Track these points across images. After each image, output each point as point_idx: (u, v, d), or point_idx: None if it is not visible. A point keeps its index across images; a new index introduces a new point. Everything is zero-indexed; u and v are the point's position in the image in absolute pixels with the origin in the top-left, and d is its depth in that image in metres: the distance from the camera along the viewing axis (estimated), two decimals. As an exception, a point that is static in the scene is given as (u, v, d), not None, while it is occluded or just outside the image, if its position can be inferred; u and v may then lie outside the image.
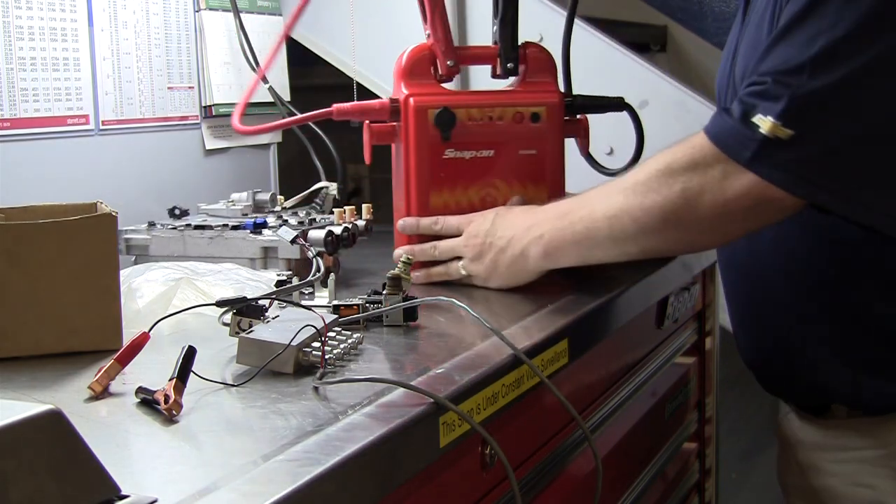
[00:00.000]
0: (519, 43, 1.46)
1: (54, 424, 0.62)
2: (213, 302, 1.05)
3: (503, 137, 1.42)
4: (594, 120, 1.56)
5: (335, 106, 1.46)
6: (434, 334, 1.13)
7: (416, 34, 1.48)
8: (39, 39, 1.54)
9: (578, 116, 1.49)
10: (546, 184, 1.44)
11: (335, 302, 1.16)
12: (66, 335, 1.05)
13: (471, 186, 1.42)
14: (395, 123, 1.43)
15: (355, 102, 1.45)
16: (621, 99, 1.51)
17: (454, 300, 1.08)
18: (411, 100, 1.41)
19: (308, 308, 1.07)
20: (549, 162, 1.44)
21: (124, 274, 1.24)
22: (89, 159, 1.64)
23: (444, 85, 1.47)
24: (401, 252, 1.34)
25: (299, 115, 1.74)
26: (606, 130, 1.69)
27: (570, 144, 1.51)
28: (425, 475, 0.86)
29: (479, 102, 1.43)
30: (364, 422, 0.82)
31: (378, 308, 1.15)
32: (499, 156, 1.43)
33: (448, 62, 1.44)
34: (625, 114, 1.52)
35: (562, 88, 1.50)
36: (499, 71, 1.47)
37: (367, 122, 1.44)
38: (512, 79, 1.49)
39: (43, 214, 1.11)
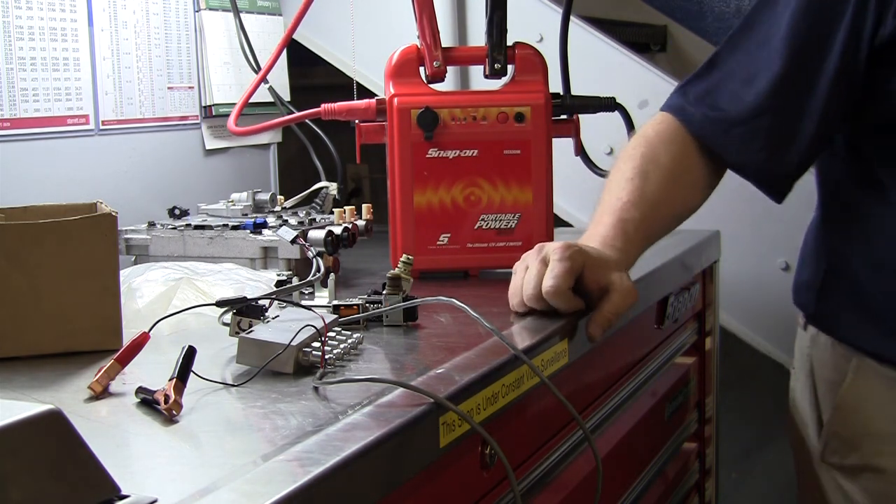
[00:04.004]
0: (510, 43, 1.47)
1: (54, 424, 0.62)
2: (213, 302, 1.05)
3: (487, 137, 1.44)
4: (595, 120, 1.56)
5: (324, 106, 1.48)
6: (434, 334, 1.13)
7: (416, 34, 1.49)
8: (39, 39, 1.54)
9: (571, 116, 1.49)
10: (531, 184, 1.44)
11: (335, 302, 1.16)
12: (66, 335, 1.05)
13: (454, 186, 1.44)
14: (383, 123, 1.44)
15: (343, 102, 1.47)
16: (613, 99, 1.51)
17: (454, 300, 1.08)
18: (395, 100, 1.43)
19: (308, 308, 1.07)
20: (534, 162, 1.44)
21: (124, 274, 1.24)
22: (89, 159, 1.64)
23: (435, 85, 1.47)
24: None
25: (289, 115, 1.75)
26: (607, 130, 1.69)
27: (566, 144, 1.51)
28: (425, 475, 0.86)
29: (463, 103, 1.44)
30: (364, 422, 0.82)
31: (378, 308, 1.15)
32: (483, 155, 1.44)
33: (434, 63, 1.45)
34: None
35: (558, 88, 1.50)
36: (487, 71, 1.48)
37: (357, 121, 1.45)
38: (505, 79, 1.49)
39: (43, 214, 1.11)
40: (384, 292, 1.16)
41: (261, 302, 1.05)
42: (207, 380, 0.93)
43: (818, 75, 1.30)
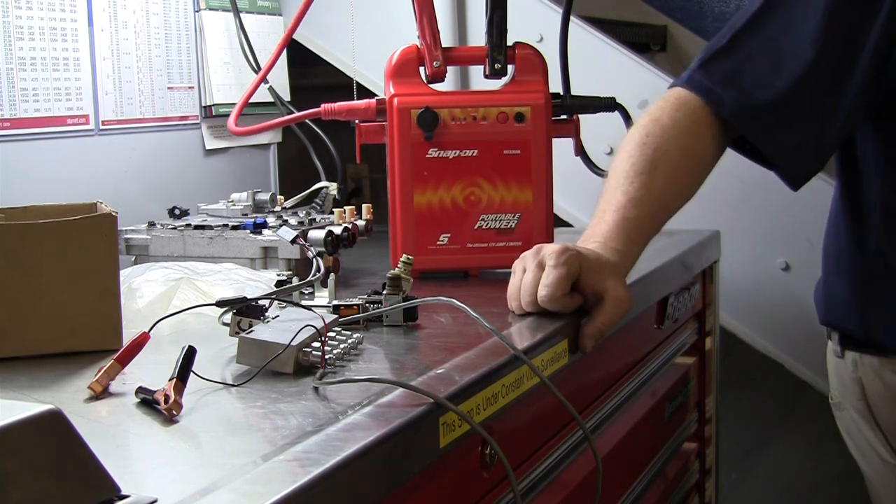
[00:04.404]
0: (510, 43, 1.47)
1: (54, 424, 0.62)
2: (213, 302, 1.05)
3: (487, 137, 1.44)
4: (595, 120, 1.56)
5: (324, 106, 1.48)
6: (434, 334, 1.13)
7: (416, 34, 1.49)
8: (39, 39, 1.54)
9: (571, 116, 1.49)
10: (531, 184, 1.44)
11: (335, 302, 1.16)
12: (66, 335, 1.05)
13: (454, 186, 1.44)
14: (383, 123, 1.44)
15: (343, 102, 1.47)
16: (613, 99, 1.51)
17: (454, 300, 1.08)
18: (395, 100, 1.43)
19: (308, 308, 1.07)
20: (534, 162, 1.44)
21: (124, 274, 1.24)
22: (89, 159, 1.64)
23: (435, 85, 1.48)
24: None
25: (289, 115, 1.75)
26: (607, 130, 1.69)
27: (566, 144, 1.51)
28: (425, 475, 0.86)
29: (463, 103, 1.44)
30: (364, 422, 0.82)
31: (378, 308, 1.15)
32: (482, 155, 1.44)
33: (434, 63, 1.45)
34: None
35: (558, 88, 1.50)
36: (487, 71, 1.48)
37: (357, 121, 1.45)
38: (505, 79, 1.49)
39: (43, 214, 1.11)
40: (384, 292, 1.16)
41: (261, 302, 1.05)
42: (207, 380, 0.93)
43: (853, 65, 1.28)
